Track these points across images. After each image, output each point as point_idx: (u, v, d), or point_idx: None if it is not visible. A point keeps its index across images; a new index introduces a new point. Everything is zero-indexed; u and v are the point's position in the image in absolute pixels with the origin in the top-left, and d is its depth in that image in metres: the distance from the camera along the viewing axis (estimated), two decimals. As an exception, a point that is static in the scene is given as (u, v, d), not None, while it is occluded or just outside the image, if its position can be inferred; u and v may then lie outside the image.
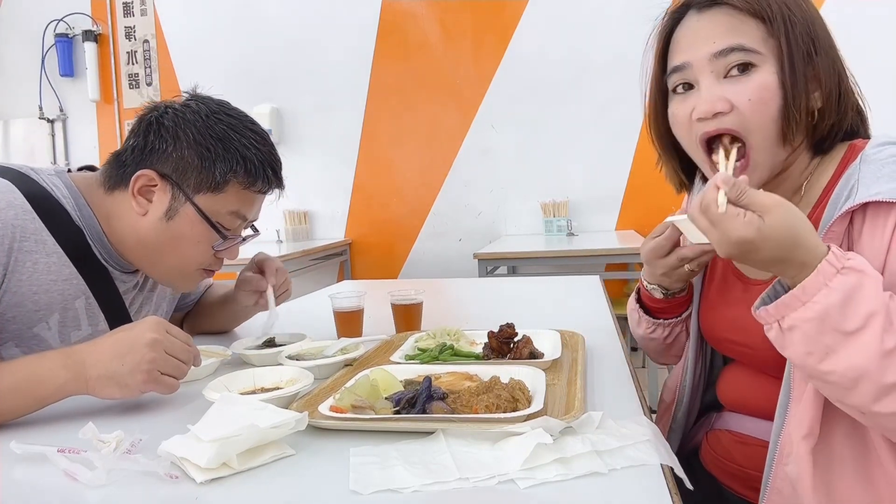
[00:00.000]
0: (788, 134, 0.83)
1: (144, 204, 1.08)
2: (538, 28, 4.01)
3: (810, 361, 0.70)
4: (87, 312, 1.11)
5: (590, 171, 4.01)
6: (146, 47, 4.55)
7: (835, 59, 0.86)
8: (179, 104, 1.10)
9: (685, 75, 0.87)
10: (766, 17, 0.83)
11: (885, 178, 0.77)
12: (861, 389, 0.67)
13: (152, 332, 0.90)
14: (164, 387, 0.91)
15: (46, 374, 0.89)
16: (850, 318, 0.67)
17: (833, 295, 0.67)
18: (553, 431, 0.71)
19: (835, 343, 0.67)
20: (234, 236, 1.14)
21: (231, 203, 1.10)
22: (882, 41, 3.53)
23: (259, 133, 1.13)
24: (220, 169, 1.06)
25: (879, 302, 0.67)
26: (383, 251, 4.37)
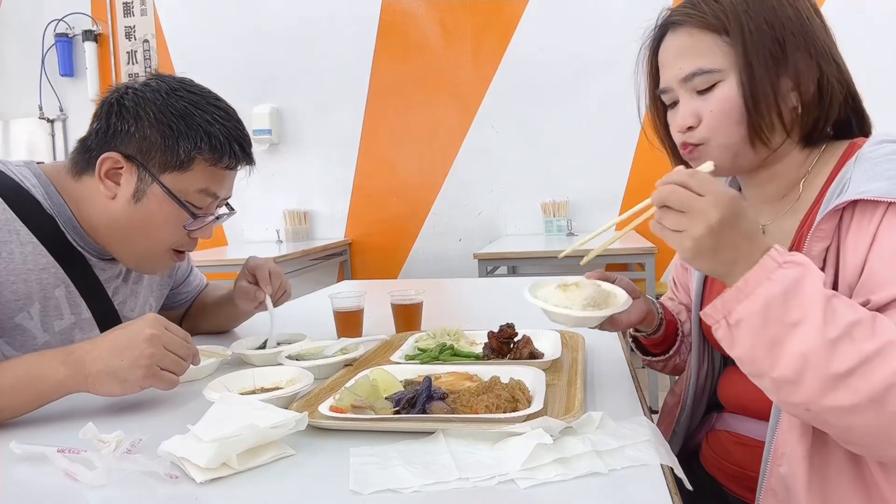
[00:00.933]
0: (756, 137, 0.85)
1: (112, 187, 1.07)
2: (538, 28, 4.00)
3: (758, 355, 0.69)
4: (68, 301, 1.10)
5: (590, 171, 4.01)
6: (146, 47, 4.55)
7: (816, 54, 0.85)
8: (139, 84, 1.09)
9: (669, 96, 0.92)
10: (724, 30, 0.85)
11: (876, 177, 0.77)
12: (807, 382, 0.66)
13: (151, 328, 0.91)
14: (164, 382, 0.91)
15: (46, 371, 0.89)
16: (793, 309, 0.67)
17: (774, 286, 0.67)
18: (553, 431, 0.71)
19: (778, 335, 0.67)
20: (206, 214, 1.12)
21: (199, 181, 1.08)
22: (882, 40, 3.53)
23: (223, 108, 1.11)
24: (184, 146, 1.05)
25: (821, 295, 0.67)
26: (383, 251, 4.37)
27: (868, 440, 0.68)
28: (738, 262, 0.70)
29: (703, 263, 0.72)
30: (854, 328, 0.66)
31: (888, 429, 0.65)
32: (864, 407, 0.65)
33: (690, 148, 0.90)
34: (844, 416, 0.66)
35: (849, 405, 0.65)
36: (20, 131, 4.78)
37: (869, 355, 0.64)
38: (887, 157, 0.79)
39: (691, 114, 0.88)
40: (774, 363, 0.68)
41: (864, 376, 0.64)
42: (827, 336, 0.65)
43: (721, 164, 0.88)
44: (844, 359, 0.65)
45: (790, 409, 0.72)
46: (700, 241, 0.69)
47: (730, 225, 0.69)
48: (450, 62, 4.16)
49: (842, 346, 0.65)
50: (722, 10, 0.85)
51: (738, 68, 0.84)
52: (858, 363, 0.64)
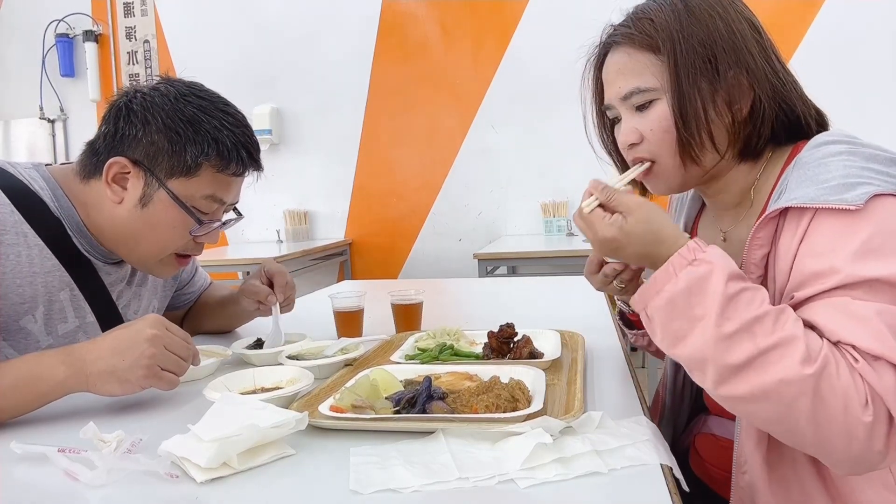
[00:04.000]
0: (686, 156, 0.87)
1: (119, 191, 1.06)
2: (538, 28, 4.00)
3: (667, 347, 0.74)
4: (72, 304, 1.10)
5: (590, 171, 3.98)
6: (146, 47, 4.55)
7: (749, 74, 0.85)
8: (148, 88, 1.08)
9: (612, 112, 0.94)
10: (658, 49, 0.86)
11: (806, 182, 0.77)
12: (708, 372, 0.70)
13: (152, 329, 0.91)
14: (165, 382, 0.91)
15: (46, 371, 0.89)
16: (696, 305, 0.70)
17: (679, 283, 0.72)
18: (553, 431, 0.71)
19: (682, 329, 0.72)
20: (213, 220, 1.12)
21: (205, 187, 1.08)
22: (878, 42, 3.53)
23: (232, 114, 1.11)
24: (192, 152, 1.05)
25: (723, 292, 0.70)
26: (383, 251, 4.37)
27: (772, 428, 0.72)
28: (657, 256, 0.77)
29: (630, 259, 0.82)
30: (754, 324, 0.69)
31: (785, 419, 0.68)
32: (759, 397, 0.68)
33: (645, 173, 0.92)
34: (742, 405, 0.71)
35: (742, 395, 0.69)
36: (21, 132, 4.77)
37: (765, 349, 0.67)
38: (819, 161, 0.79)
39: (631, 131, 0.90)
40: (681, 355, 0.72)
41: (759, 369, 0.67)
42: (723, 331, 0.69)
43: (672, 185, 0.92)
44: (740, 352, 0.68)
45: (714, 397, 0.74)
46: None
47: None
48: (450, 62, 4.16)
49: (739, 340, 0.68)
50: (655, 29, 0.86)
51: (669, 86, 0.85)
52: (755, 355, 0.67)
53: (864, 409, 0.66)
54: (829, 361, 0.67)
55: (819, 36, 3.52)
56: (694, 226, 1.08)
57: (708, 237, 1.03)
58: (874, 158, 0.76)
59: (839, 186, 0.74)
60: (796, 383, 0.66)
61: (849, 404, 0.66)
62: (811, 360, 0.67)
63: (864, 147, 0.79)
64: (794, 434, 0.69)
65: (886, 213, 0.72)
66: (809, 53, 3.53)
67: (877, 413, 0.66)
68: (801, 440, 0.70)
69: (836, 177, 0.75)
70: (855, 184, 0.73)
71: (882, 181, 0.73)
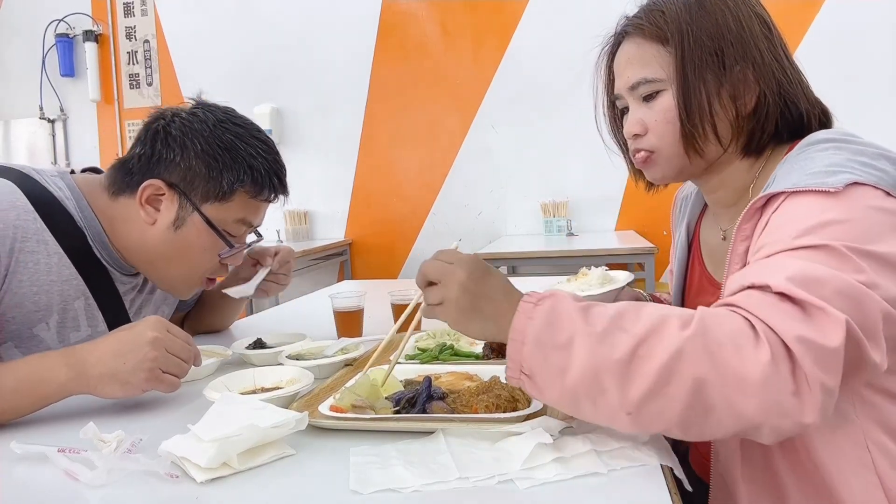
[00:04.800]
0: (690, 148, 0.88)
1: (152, 213, 1.08)
2: (538, 28, 4.00)
3: (560, 389, 0.67)
4: (86, 313, 1.11)
5: (590, 171, 4.00)
6: (147, 47, 4.55)
7: (755, 69, 0.85)
8: (186, 112, 1.10)
9: (621, 102, 0.95)
10: (667, 41, 0.87)
11: (792, 173, 0.78)
12: (607, 384, 0.64)
13: (153, 331, 0.91)
14: (166, 385, 0.91)
15: (48, 374, 0.89)
16: (559, 331, 0.67)
17: (537, 322, 0.68)
18: (553, 431, 0.71)
19: (560, 358, 0.66)
20: (240, 244, 1.15)
21: (237, 212, 1.11)
22: (879, 40, 3.53)
23: (265, 141, 1.14)
24: (228, 178, 1.07)
25: (577, 308, 0.68)
26: (383, 251, 4.37)
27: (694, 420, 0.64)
28: (502, 316, 0.72)
29: (473, 325, 0.74)
30: (619, 320, 0.66)
31: (695, 397, 0.62)
32: (663, 382, 0.62)
33: (644, 156, 0.93)
34: (656, 406, 0.63)
35: (648, 390, 0.63)
36: (21, 131, 4.77)
37: (642, 336, 0.64)
38: (806, 155, 0.80)
39: (637, 121, 0.91)
40: (576, 387, 0.66)
41: (646, 356, 0.63)
42: (595, 331, 0.66)
43: (668, 174, 0.93)
44: (621, 346, 0.64)
45: (624, 427, 0.68)
46: (458, 301, 0.73)
47: (478, 278, 0.74)
48: (450, 62, 4.16)
49: (613, 336, 0.65)
50: (665, 21, 0.87)
51: (675, 78, 0.86)
52: (635, 345, 0.64)
53: (756, 347, 0.61)
54: (706, 316, 0.65)
55: (819, 35, 3.52)
56: (696, 226, 1.08)
57: (709, 236, 1.03)
58: (862, 153, 0.76)
59: (821, 173, 0.74)
60: (685, 351, 0.62)
61: (740, 347, 0.62)
62: (688, 323, 0.64)
63: (854, 143, 0.79)
64: (712, 412, 0.63)
65: (861, 199, 0.71)
66: (810, 51, 3.53)
67: (774, 350, 0.61)
68: (721, 416, 0.63)
69: (820, 166, 0.75)
70: (837, 172, 0.73)
71: (865, 172, 0.73)
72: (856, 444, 0.75)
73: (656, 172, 0.94)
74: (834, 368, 0.61)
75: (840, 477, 0.75)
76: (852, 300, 0.64)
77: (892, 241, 0.69)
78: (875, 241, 0.68)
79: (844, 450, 0.75)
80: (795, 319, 0.63)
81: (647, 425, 0.66)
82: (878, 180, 0.72)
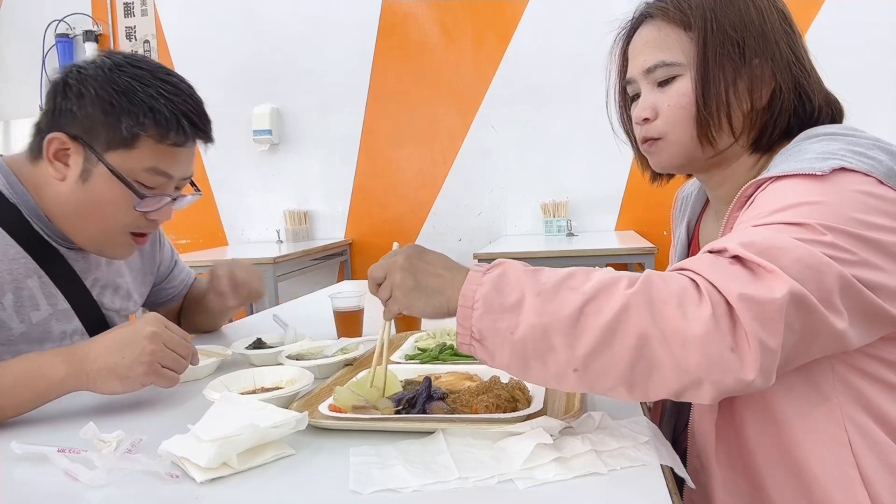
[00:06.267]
0: (703, 135, 0.87)
1: (61, 168, 1.04)
2: (538, 28, 4.00)
3: (508, 352, 0.68)
4: (42, 291, 1.09)
5: (590, 171, 4.00)
6: (146, 48, 4.54)
7: (774, 64, 0.85)
8: (86, 61, 1.06)
9: (633, 87, 0.95)
10: (689, 26, 0.87)
11: (785, 162, 0.78)
12: (556, 342, 0.65)
13: (152, 326, 0.91)
14: (165, 380, 0.91)
15: (46, 369, 0.89)
16: (508, 293, 0.68)
17: (485, 286, 0.69)
18: (553, 431, 0.71)
19: (510, 321, 0.67)
20: (159, 195, 1.08)
21: (146, 159, 1.04)
22: (878, 43, 3.53)
23: (172, 83, 1.06)
24: (127, 123, 1.01)
25: (525, 272, 0.70)
26: (383, 251, 4.26)
27: (638, 375, 0.65)
28: (448, 287, 0.73)
29: (420, 301, 0.76)
30: (568, 280, 0.68)
31: (638, 352, 0.63)
32: (608, 336, 0.64)
33: (650, 142, 0.92)
34: (601, 361, 0.64)
35: (594, 345, 0.64)
36: (20, 131, 4.77)
37: (590, 295, 0.65)
38: (800, 146, 0.80)
39: (649, 106, 0.90)
40: (525, 347, 0.67)
41: (594, 313, 0.64)
42: (544, 290, 0.67)
43: (674, 161, 0.92)
44: (569, 303, 0.65)
45: (571, 385, 0.68)
46: (403, 284, 0.76)
47: (416, 257, 0.77)
48: (450, 62, 4.16)
49: (562, 294, 0.66)
50: (689, 6, 0.87)
51: (695, 64, 0.86)
52: (584, 302, 0.65)
53: (698, 305, 0.63)
54: (652, 276, 0.66)
55: (820, 35, 3.52)
56: (697, 223, 1.08)
57: (709, 234, 1.03)
58: (857, 143, 0.77)
59: (812, 159, 0.74)
60: (629, 307, 0.63)
61: (682, 304, 0.63)
62: (633, 282, 0.66)
63: (850, 135, 0.79)
64: (655, 369, 0.64)
65: (848, 184, 0.71)
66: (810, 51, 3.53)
67: (715, 307, 0.62)
68: (664, 373, 0.64)
69: (812, 154, 0.76)
70: (828, 158, 0.74)
71: (857, 160, 0.73)
72: (833, 423, 0.75)
73: (662, 159, 0.93)
74: (774, 327, 0.62)
75: (814, 455, 0.75)
76: (811, 269, 0.64)
77: (877, 223, 0.69)
78: (859, 224, 0.69)
79: (821, 428, 0.75)
80: (741, 279, 0.64)
81: (593, 383, 0.67)
82: (871, 168, 0.73)
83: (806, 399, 0.76)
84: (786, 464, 0.77)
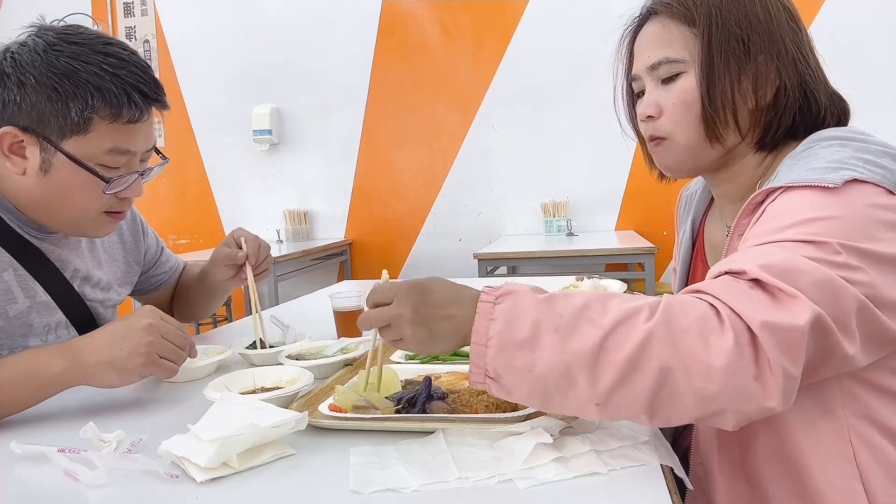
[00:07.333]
0: (710, 133, 0.86)
1: (20, 162, 0.99)
2: (538, 28, 4.00)
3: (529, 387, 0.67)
4: (19, 284, 1.06)
5: (590, 171, 4.01)
6: (146, 47, 4.55)
7: (779, 61, 0.85)
8: (17, 44, 0.99)
9: (638, 84, 0.94)
10: (693, 22, 0.86)
11: (794, 169, 0.77)
12: (578, 377, 0.64)
13: (148, 318, 0.91)
14: (163, 370, 0.91)
15: (43, 364, 0.89)
16: (521, 328, 0.66)
17: (499, 323, 0.67)
18: (553, 431, 0.71)
19: (527, 358, 0.65)
20: (126, 174, 1.02)
21: (104, 141, 0.98)
22: (880, 43, 3.53)
23: (114, 54, 0.99)
24: (76, 108, 0.95)
25: (537, 303, 0.67)
26: (383, 251, 4.37)
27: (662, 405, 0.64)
28: (462, 326, 0.70)
29: (437, 347, 0.74)
30: (585, 311, 0.66)
31: (662, 382, 0.62)
32: (630, 369, 0.62)
33: (657, 141, 0.92)
34: (624, 394, 0.63)
35: (617, 377, 0.63)
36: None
37: (610, 328, 0.64)
38: (809, 151, 0.79)
39: (653, 103, 0.90)
40: (545, 384, 0.65)
41: (615, 348, 0.63)
42: (561, 324, 0.65)
43: (683, 163, 0.91)
44: (588, 337, 0.64)
45: (592, 416, 0.67)
46: (414, 337, 0.73)
47: (422, 304, 0.72)
48: (450, 62, 4.16)
49: (580, 328, 0.65)
50: (694, 2, 0.87)
51: (699, 60, 0.86)
52: (603, 336, 0.64)
53: (720, 333, 0.61)
54: (672, 304, 0.64)
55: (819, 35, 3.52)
56: (701, 223, 1.08)
57: (713, 233, 1.03)
58: (866, 150, 0.76)
59: (822, 169, 0.74)
60: (650, 340, 0.62)
61: (704, 334, 0.62)
62: (653, 313, 0.64)
63: (859, 141, 0.79)
64: (677, 399, 0.63)
65: (860, 197, 0.71)
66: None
67: (738, 335, 0.61)
68: (686, 402, 0.63)
69: (822, 162, 0.75)
70: (839, 168, 0.73)
71: (867, 169, 0.73)
72: (838, 437, 0.75)
73: (668, 159, 0.92)
74: (797, 354, 0.61)
75: (819, 468, 0.75)
76: (828, 292, 0.64)
77: (889, 239, 0.69)
78: (872, 240, 0.68)
79: (826, 442, 0.75)
80: (763, 305, 0.63)
81: (615, 414, 0.66)
82: (882, 178, 0.72)
83: (812, 412, 0.75)
84: (789, 476, 0.77)
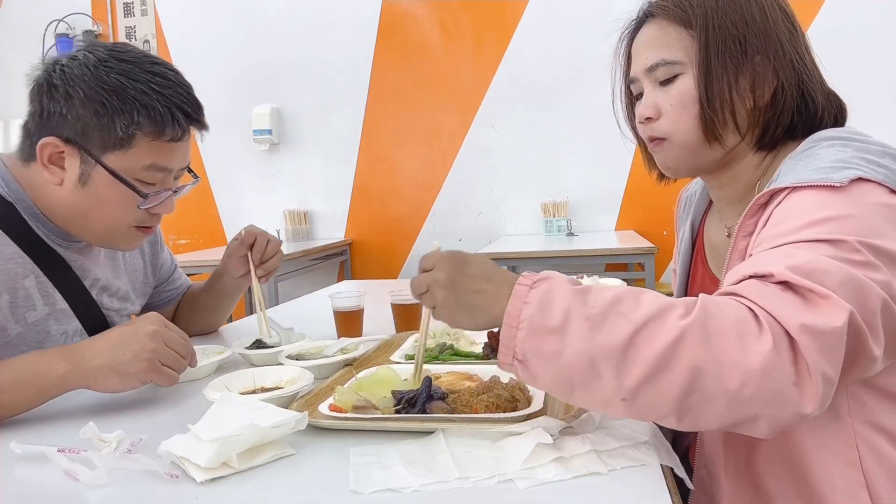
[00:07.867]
0: (709, 133, 0.87)
1: (58, 172, 1.01)
2: (538, 28, 4.00)
3: (553, 374, 0.66)
4: (39, 291, 1.07)
5: (590, 171, 4.01)
6: (146, 48, 4.54)
7: (776, 61, 0.85)
8: (67, 58, 1.02)
9: (636, 86, 0.95)
10: (690, 24, 0.87)
11: (797, 169, 0.77)
12: (603, 370, 0.63)
13: (152, 325, 0.91)
14: (165, 378, 0.91)
15: (46, 366, 0.89)
16: (553, 315, 0.65)
17: (531, 307, 0.67)
18: (553, 431, 0.71)
19: (555, 344, 0.65)
20: (161, 191, 1.06)
21: (144, 157, 1.01)
22: (879, 43, 3.53)
23: (161, 74, 1.02)
24: (121, 123, 0.98)
25: (572, 293, 0.67)
26: (383, 251, 4.37)
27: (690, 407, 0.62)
28: (493, 305, 0.70)
29: (463, 321, 0.74)
30: (617, 304, 0.65)
31: (693, 383, 0.61)
32: (660, 367, 0.61)
33: (657, 141, 0.92)
34: (652, 392, 0.62)
35: (645, 374, 0.62)
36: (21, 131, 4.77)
37: (641, 323, 0.62)
38: (812, 151, 0.80)
39: (651, 105, 0.90)
40: (570, 372, 0.65)
41: (645, 343, 0.62)
42: (592, 314, 0.64)
43: (682, 163, 0.92)
44: (619, 331, 0.63)
45: (619, 413, 0.66)
46: (445, 303, 0.73)
47: (457, 272, 0.73)
48: (450, 62, 4.16)
49: (611, 321, 0.64)
50: (690, 4, 0.87)
51: (697, 61, 0.86)
52: (635, 331, 0.62)
53: (758, 336, 0.60)
54: (708, 304, 0.63)
55: (820, 35, 3.53)
56: (701, 224, 1.08)
57: (713, 234, 1.03)
58: (867, 150, 0.76)
59: (826, 169, 0.74)
60: (684, 338, 0.61)
61: (742, 336, 0.60)
62: (689, 312, 0.63)
63: (859, 141, 0.79)
64: (709, 402, 0.62)
65: (866, 196, 0.71)
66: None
67: (776, 339, 0.60)
68: (718, 406, 0.62)
69: (825, 162, 0.75)
70: (842, 168, 0.73)
71: (870, 169, 0.73)
72: (845, 442, 0.75)
73: (668, 159, 0.92)
74: (836, 358, 0.60)
75: (824, 473, 0.75)
76: (856, 291, 0.63)
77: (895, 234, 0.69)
78: (881, 237, 0.68)
79: (832, 447, 0.75)
80: (799, 308, 0.62)
81: (642, 412, 0.65)
82: (884, 178, 0.72)
83: (819, 417, 0.75)
84: (794, 480, 0.77)
